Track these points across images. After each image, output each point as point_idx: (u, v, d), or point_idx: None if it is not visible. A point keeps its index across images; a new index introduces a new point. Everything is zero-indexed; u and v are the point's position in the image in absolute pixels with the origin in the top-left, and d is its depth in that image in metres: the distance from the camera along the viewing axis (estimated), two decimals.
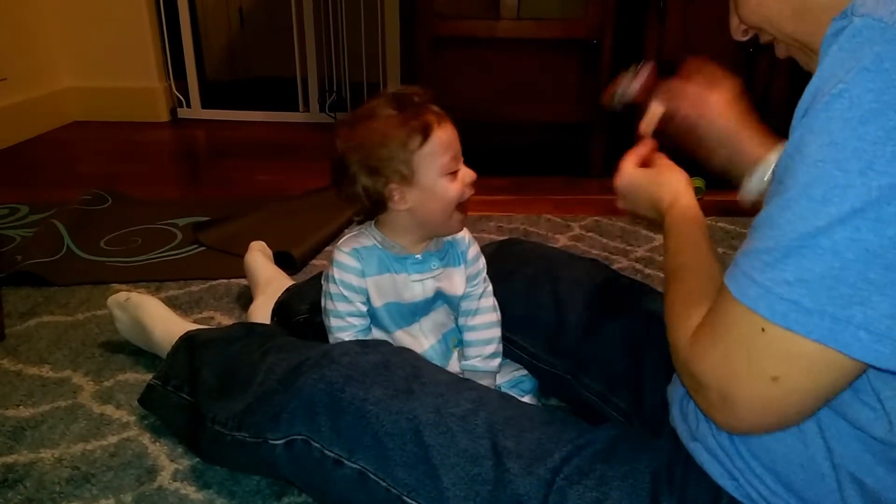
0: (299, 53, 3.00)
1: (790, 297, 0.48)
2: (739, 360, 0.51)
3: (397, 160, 0.82)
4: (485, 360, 0.96)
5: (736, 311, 0.51)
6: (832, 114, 0.46)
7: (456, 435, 0.71)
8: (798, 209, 0.48)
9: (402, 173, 0.83)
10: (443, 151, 0.84)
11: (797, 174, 0.48)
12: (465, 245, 0.95)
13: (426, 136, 0.82)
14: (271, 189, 2.14)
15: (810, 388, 0.50)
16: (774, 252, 0.49)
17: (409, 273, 0.90)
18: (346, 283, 0.89)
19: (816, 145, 0.47)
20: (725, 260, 0.58)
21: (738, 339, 0.51)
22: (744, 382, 0.51)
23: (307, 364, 0.80)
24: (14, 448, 0.98)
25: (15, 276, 1.46)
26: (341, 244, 0.90)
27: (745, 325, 0.50)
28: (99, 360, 1.20)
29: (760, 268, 0.49)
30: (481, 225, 1.80)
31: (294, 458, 0.77)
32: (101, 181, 2.12)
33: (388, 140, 0.82)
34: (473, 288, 0.95)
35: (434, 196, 0.85)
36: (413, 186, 0.84)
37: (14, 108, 2.61)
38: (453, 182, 0.85)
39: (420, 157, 0.83)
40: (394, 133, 0.82)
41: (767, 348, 0.50)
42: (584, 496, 0.64)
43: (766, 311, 0.49)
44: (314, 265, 1.59)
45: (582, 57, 2.13)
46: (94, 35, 2.86)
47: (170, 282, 1.49)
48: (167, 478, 0.92)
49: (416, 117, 0.83)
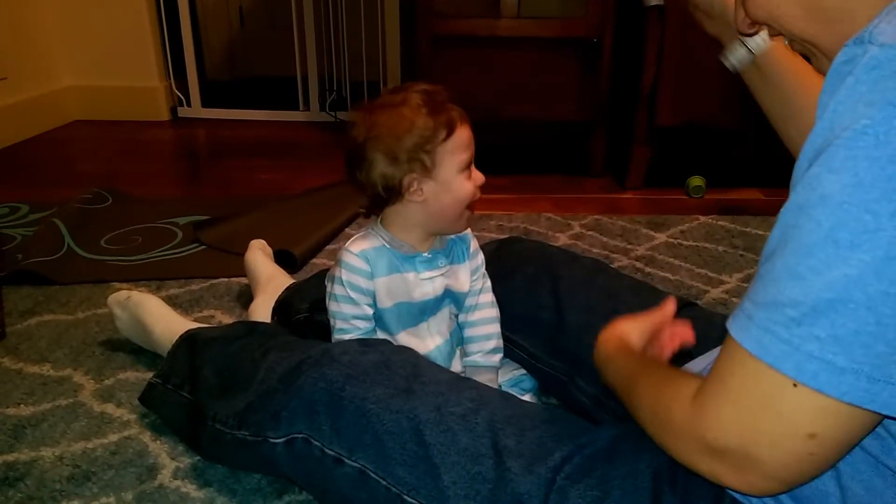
0: (299, 52, 3.00)
1: (821, 355, 0.44)
2: (767, 419, 0.47)
3: (421, 150, 0.83)
4: (486, 355, 0.96)
5: (756, 369, 0.47)
6: (856, 152, 0.43)
7: (456, 434, 0.71)
8: (823, 256, 0.44)
9: (424, 164, 0.84)
10: (464, 149, 0.85)
11: (818, 217, 0.44)
12: (466, 240, 0.95)
13: (451, 130, 0.84)
14: (272, 188, 2.14)
15: (848, 439, 0.48)
16: (801, 306, 0.44)
17: (419, 271, 0.90)
18: (353, 285, 0.88)
19: (839, 185, 0.43)
20: (725, 256, 0.57)
21: (762, 399, 0.47)
22: (777, 442, 0.48)
23: (308, 363, 0.81)
24: (15, 446, 0.98)
25: (16, 275, 1.46)
26: (349, 245, 0.90)
27: (769, 383, 0.47)
28: (99, 359, 1.20)
29: (785, 323, 0.45)
30: (482, 224, 1.80)
31: (294, 457, 0.77)
32: (101, 180, 2.12)
33: (415, 129, 0.83)
34: (473, 283, 0.96)
35: (450, 191, 0.86)
36: (432, 179, 0.85)
37: (14, 107, 2.61)
38: (468, 180, 0.87)
39: (443, 151, 0.84)
40: (422, 124, 0.83)
41: (800, 407, 0.46)
42: (585, 495, 0.64)
43: (793, 370, 0.45)
44: (314, 264, 1.59)
45: (582, 56, 2.13)
46: (95, 34, 2.86)
47: (170, 280, 1.49)
48: (168, 476, 0.92)
49: (443, 112, 0.84)
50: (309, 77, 3.02)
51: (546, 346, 0.98)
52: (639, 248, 1.69)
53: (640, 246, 1.70)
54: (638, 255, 1.64)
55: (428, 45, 2.11)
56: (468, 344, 0.97)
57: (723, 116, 2.07)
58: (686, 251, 1.66)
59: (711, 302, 1.40)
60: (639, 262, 1.60)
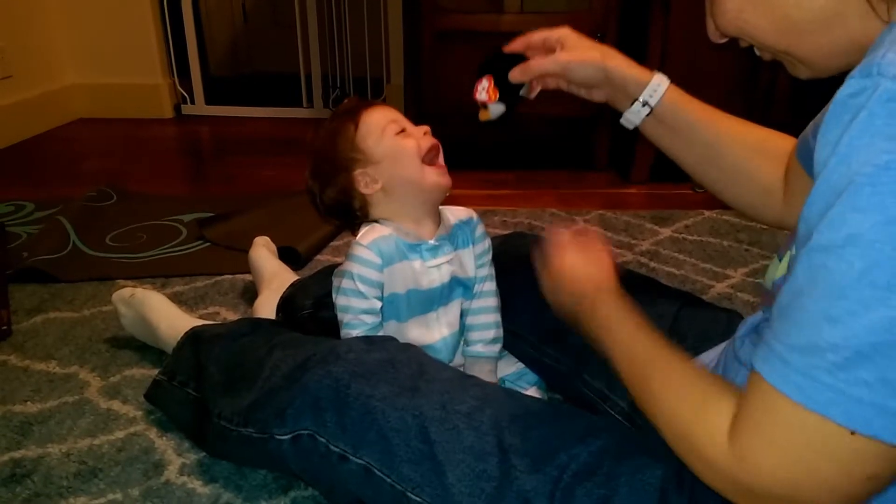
0: (302, 49, 3.00)
1: (872, 400, 0.43)
2: (824, 468, 0.47)
3: (346, 150, 0.89)
4: (487, 345, 0.96)
5: (801, 416, 0.46)
6: (881, 188, 0.42)
7: (461, 432, 0.71)
8: (859, 298, 0.43)
9: (356, 158, 0.88)
10: (381, 123, 0.89)
11: (849, 258, 0.43)
12: (472, 224, 0.96)
13: (357, 119, 0.89)
14: (275, 184, 2.14)
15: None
16: (843, 350, 0.43)
17: (425, 259, 0.90)
18: (364, 278, 0.88)
19: (869, 224, 0.42)
20: (730, 250, 0.56)
21: (815, 448, 0.46)
22: (836, 487, 0.47)
23: (313, 360, 0.81)
24: (22, 443, 0.99)
25: (21, 273, 1.47)
26: (360, 238, 0.89)
27: (821, 432, 0.45)
28: (105, 356, 1.20)
29: (828, 368, 0.44)
30: (486, 219, 1.78)
31: (300, 453, 0.78)
32: (106, 178, 2.12)
33: (330, 140, 0.90)
34: (480, 269, 0.95)
35: (394, 159, 0.88)
36: (372, 163, 0.88)
37: (19, 105, 2.61)
38: (406, 137, 0.89)
39: (361, 138, 0.89)
40: (331, 133, 0.90)
41: (858, 454, 0.45)
42: (591, 493, 0.64)
43: (844, 417, 0.44)
44: (318, 260, 1.59)
45: None
46: (99, 32, 2.86)
47: (175, 277, 1.49)
48: (174, 472, 0.93)
49: (344, 111, 0.91)
50: (312, 74, 3.02)
51: (551, 341, 0.98)
52: (643, 242, 1.68)
53: (645, 241, 1.70)
54: (642, 250, 1.64)
55: (431, 40, 2.11)
56: (469, 332, 0.97)
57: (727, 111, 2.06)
58: (691, 246, 1.65)
59: (716, 297, 1.39)
60: (643, 257, 1.60)
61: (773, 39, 0.55)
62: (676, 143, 0.86)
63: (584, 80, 0.86)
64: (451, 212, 0.96)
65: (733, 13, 0.57)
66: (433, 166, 0.89)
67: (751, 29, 0.56)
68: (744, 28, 0.57)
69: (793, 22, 0.53)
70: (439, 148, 0.91)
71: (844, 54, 0.53)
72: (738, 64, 1.99)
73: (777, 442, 0.48)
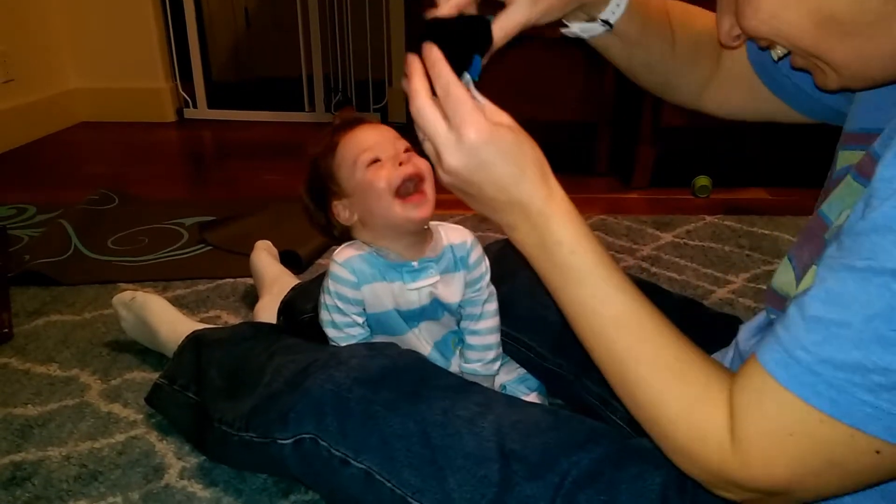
0: (304, 53, 3.00)
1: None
2: (866, 474, 0.47)
3: (325, 178, 0.88)
4: (486, 364, 0.95)
5: (835, 429, 0.45)
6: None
7: (463, 437, 0.70)
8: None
9: (332, 189, 0.88)
10: (353, 154, 0.86)
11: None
12: (465, 249, 0.90)
13: (333, 146, 0.87)
14: (277, 189, 2.14)
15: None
16: (893, 375, 0.43)
17: (405, 282, 0.88)
18: (340, 295, 0.88)
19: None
20: (731, 256, 0.55)
21: (837, 456, 0.46)
22: (844, 487, 0.48)
23: (315, 365, 0.81)
24: (22, 446, 0.99)
25: (23, 276, 1.47)
26: (335, 255, 0.90)
27: (846, 444, 0.46)
28: (106, 359, 1.20)
29: (871, 388, 0.44)
30: (486, 224, 1.79)
31: (302, 457, 0.78)
32: (108, 181, 2.12)
33: (315, 164, 0.89)
34: (477, 293, 0.93)
35: (364, 193, 0.85)
36: (346, 195, 0.87)
37: (21, 109, 2.62)
38: (380, 168, 0.84)
39: (337, 167, 0.87)
40: (317, 155, 0.89)
41: (881, 464, 0.46)
42: (592, 500, 0.64)
43: (886, 433, 0.44)
44: (320, 264, 1.59)
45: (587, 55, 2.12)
46: (101, 36, 2.87)
47: (176, 281, 1.49)
48: (174, 476, 0.93)
49: (326, 136, 0.89)
50: (314, 77, 3.02)
51: (552, 346, 0.97)
52: (644, 248, 1.68)
53: (646, 246, 1.69)
54: (643, 256, 1.64)
55: None
56: (469, 351, 0.95)
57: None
58: (692, 251, 1.65)
59: (718, 302, 1.39)
60: (644, 262, 1.60)
61: (812, 42, 0.52)
62: (641, 50, 0.76)
63: None
64: (445, 231, 0.91)
65: (769, 13, 0.52)
66: (408, 199, 0.82)
67: (788, 29, 0.52)
68: (780, 29, 0.53)
69: (838, 23, 0.50)
70: (421, 175, 0.83)
71: (882, 65, 0.51)
72: None
73: (796, 452, 0.47)
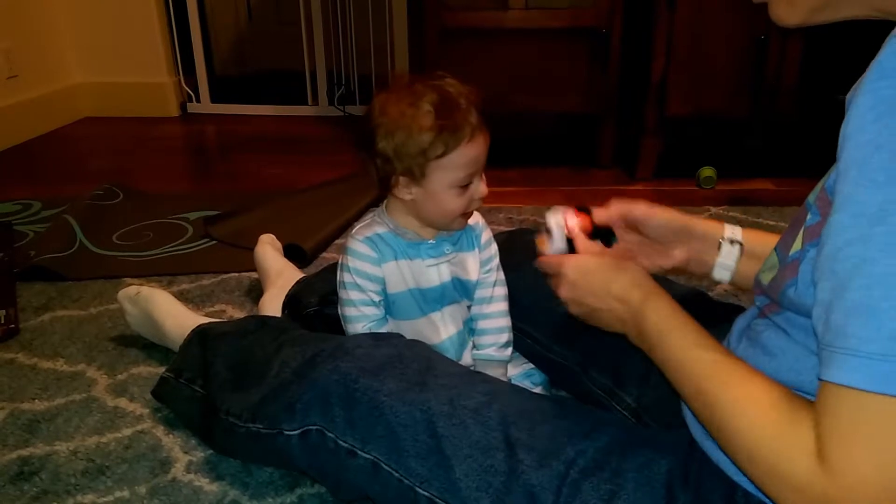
0: (307, 47, 3.00)
1: None
2: None
3: (413, 160, 0.82)
4: (500, 349, 0.96)
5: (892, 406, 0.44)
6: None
7: (469, 426, 0.71)
8: None
9: (413, 173, 0.83)
10: (460, 168, 0.83)
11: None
12: (478, 229, 0.95)
13: (448, 149, 0.81)
14: (281, 182, 2.14)
15: None
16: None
17: (424, 258, 0.90)
18: (359, 272, 0.89)
19: None
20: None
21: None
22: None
23: (321, 356, 0.81)
24: (30, 441, 0.99)
25: (29, 272, 1.47)
26: (355, 232, 0.91)
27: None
28: (112, 354, 1.21)
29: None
30: (491, 216, 1.79)
31: (309, 449, 0.78)
32: (112, 176, 2.12)
33: (412, 139, 0.81)
34: (487, 274, 0.95)
35: (436, 203, 0.86)
36: (419, 186, 0.85)
37: (25, 105, 2.62)
38: (461, 196, 0.85)
39: (435, 166, 0.83)
40: (420, 135, 0.80)
41: None
42: (598, 488, 0.64)
43: None
44: (324, 258, 1.59)
45: (591, 46, 2.12)
46: (104, 31, 2.87)
47: (181, 275, 1.50)
48: (181, 469, 0.93)
49: (450, 126, 0.81)
50: (317, 71, 3.02)
51: (559, 337, 0.98)
52: None
53: None
54: None
55: (436, 37, 2.11)
56: (481, 336, 0.97)
57: (733, 106, 2.05)
58: None
59: (722, 293, 1.39)
60: None
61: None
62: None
63: (661, 233, 0.85)
64: None
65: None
66: (465, 216, 0.89)
67: None
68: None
69: None
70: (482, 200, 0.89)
71: None
72: (743, 59, 1.98)
73: (875, 445, 0.45)
